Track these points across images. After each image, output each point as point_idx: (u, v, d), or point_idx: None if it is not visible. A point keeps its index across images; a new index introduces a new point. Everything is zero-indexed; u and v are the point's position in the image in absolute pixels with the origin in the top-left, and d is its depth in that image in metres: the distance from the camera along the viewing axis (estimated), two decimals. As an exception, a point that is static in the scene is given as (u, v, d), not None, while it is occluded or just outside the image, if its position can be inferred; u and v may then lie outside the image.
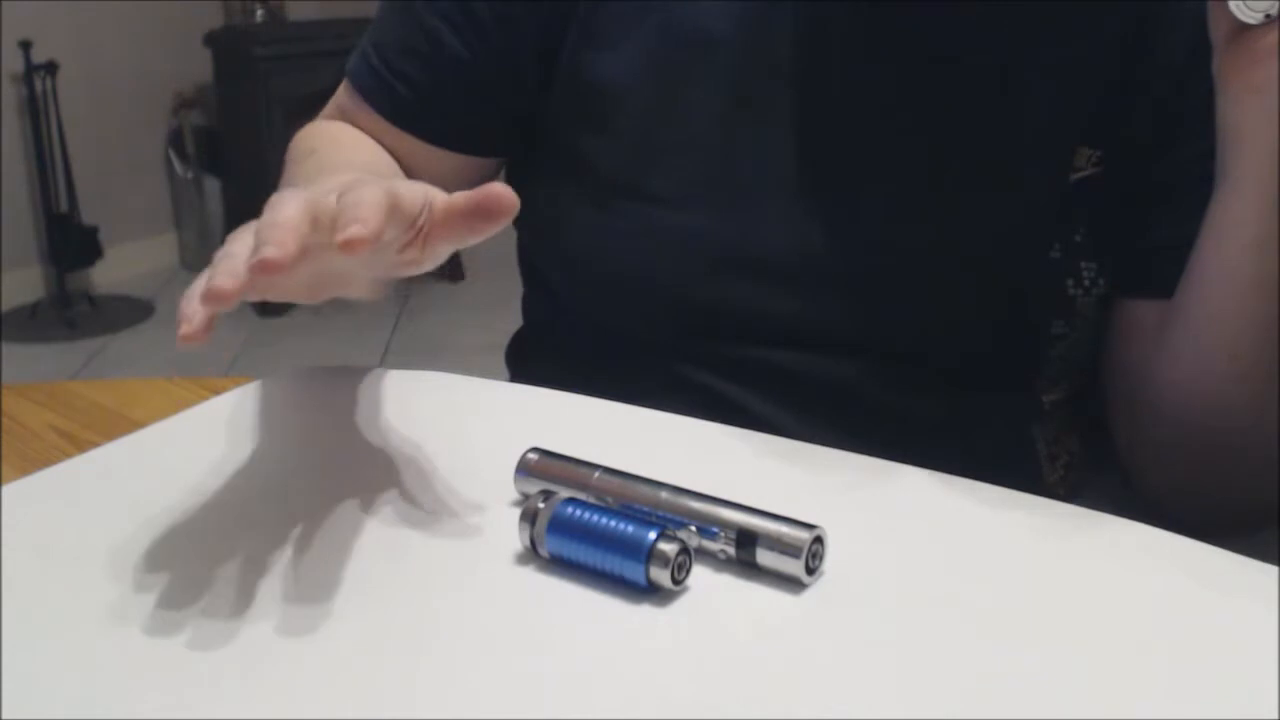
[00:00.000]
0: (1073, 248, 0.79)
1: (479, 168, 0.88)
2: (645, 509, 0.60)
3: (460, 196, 0.55)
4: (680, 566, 0.57)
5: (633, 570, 0.56)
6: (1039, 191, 0.79)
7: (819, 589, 0.58)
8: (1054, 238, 0.79)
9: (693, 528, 0.59)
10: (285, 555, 0.61)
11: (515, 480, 0.64)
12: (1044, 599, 0.58)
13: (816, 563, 0.58)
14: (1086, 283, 0.80)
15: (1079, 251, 0.80)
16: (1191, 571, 0.60)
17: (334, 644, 0.55)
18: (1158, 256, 0.78)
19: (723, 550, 0.59)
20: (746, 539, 0.58)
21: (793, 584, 0.58)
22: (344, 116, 0.91)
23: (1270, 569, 0.59)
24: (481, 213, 0.55)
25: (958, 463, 0.67)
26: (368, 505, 0.65)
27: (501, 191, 0.55)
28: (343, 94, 0.91)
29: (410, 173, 0.86)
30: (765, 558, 0.58)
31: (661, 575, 0.56)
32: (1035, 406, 0.84)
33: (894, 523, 0.64)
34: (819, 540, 0.58)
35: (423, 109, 0.86)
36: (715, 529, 0.59)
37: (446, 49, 0.84)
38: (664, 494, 0.61)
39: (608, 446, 0.64)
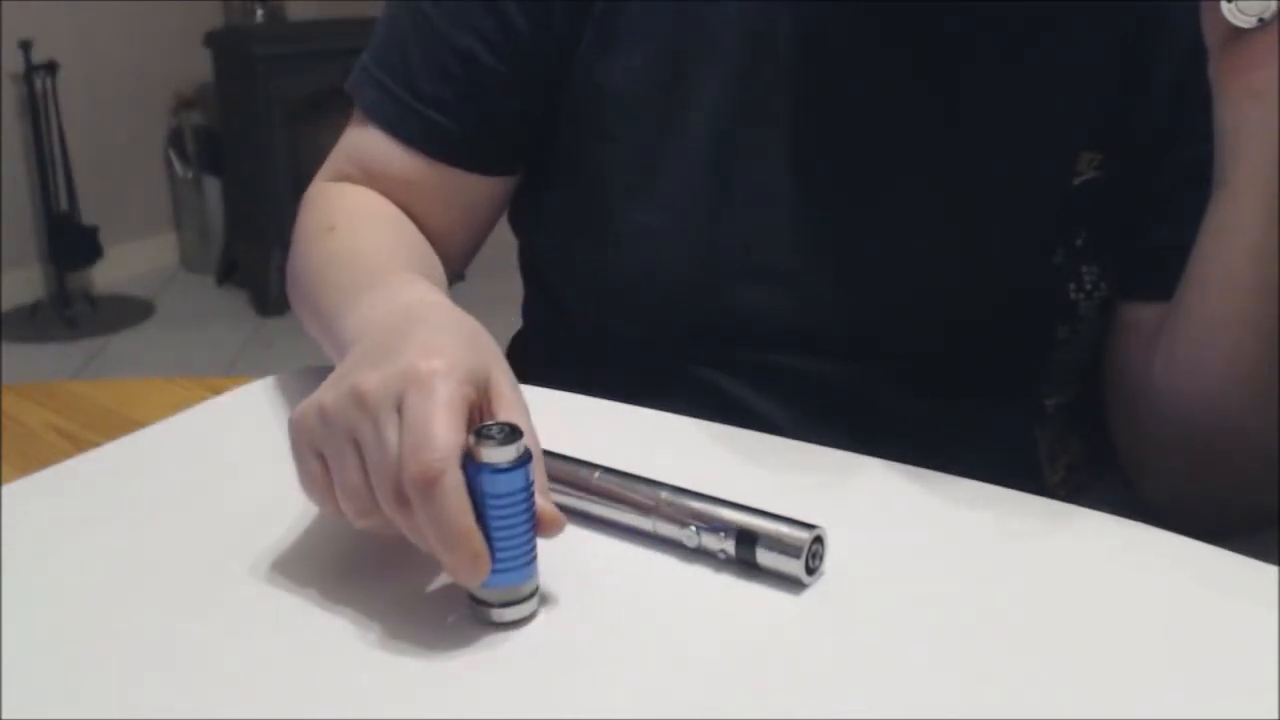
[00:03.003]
0: (1074, 251, 0.79)
1: (508, 186, 0.86)
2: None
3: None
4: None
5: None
6: (1041, 194, 0.79)
7: (819, 589, 0.58)
8: (1056, 241, 0.79)
9: (693, 527, 0.59)
10: (284, 555, 0.61)
11: None
12: (1045, 599, 0.58)
13: (817, 563, 0.58)
14: (1088, 286, 0.80)
15: (1081, 255, 0.79)
16: (1192, 572, 0.60)
17: (333, 643, 0.55)
18: (1157, 259, 0.78)
19: (722, 550, 0.59)
20: (746, 539, 0.58)
21: (793, 584, 0.58)
22: (363, 159, 0.84)
23: (1270, 569, 0.59)
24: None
25: (959, 465, 0.67)
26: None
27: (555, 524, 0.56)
28: (359, 134, 0.84)
29: (436, 206, 0.82)
30: (765, 558, 0.58)
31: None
32: (1037, 409, 0.84)
33: (895, 523, 0.64)
34: (819, 540, 0.58)
35: (461, 138, 0.82)
36: (715, 528, 0.59)
37: (483, 67, 0.80)
38: (664, 493, 0.61)
39: (608, 446, 0.64)
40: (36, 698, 0.52)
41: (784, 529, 0.58)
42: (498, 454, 0.53)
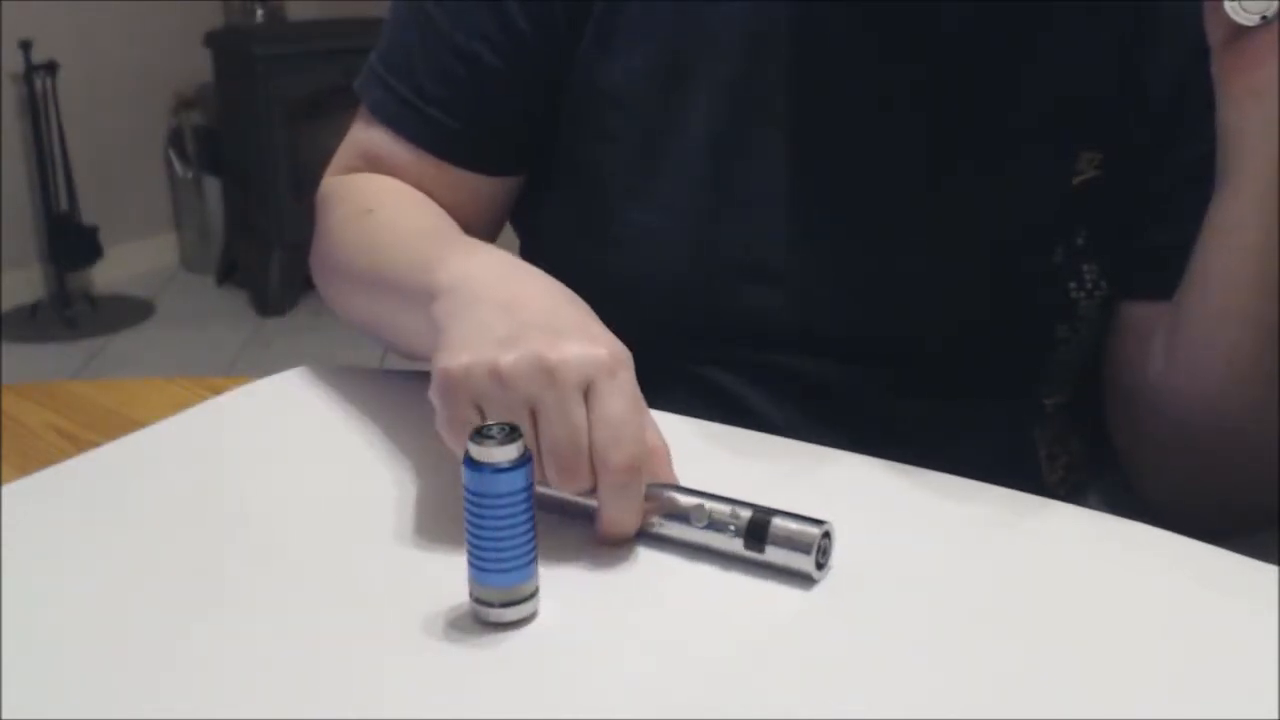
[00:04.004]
0: (1074, 251, 0.79)
1: (511, 187, 0.87)
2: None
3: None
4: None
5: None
6: (1040, 194, 0.79)
7: (827, 585, 0.58)
8: (1056, 241, 0.79)
9: (705, 507, 0.59)
10: (284, 555, 0.61)
11: None
12: (1045, 599, 0.58)
13: (825, 558, 0.58)
14: (1088, 285, 0.80)
15: (1081, 254, 0.79)
16: (1191, 571, 0.60)
17: (333, 643, 0.55)
18: (1158, 258, 0.78)
19: (731, 544, 0.58)
20: (756, 535, 0.58)
21: (801, 580, 0.58)
22: (370, 156, 0.86)
23: (1270, 569, 0.59)
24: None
25: (959, 464, 0.67)
26: (367, 505, 0.65)
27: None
28: (367, 132, 0.86)
29: (442, 204, 0.83)
30: (775, 553, 0.58)
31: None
32: (1037, 409, 0.84)
33: (895, 523, 0.64)
34: (828, 536, 0.58)
35: (465, 138, 0.83)
36: (724, 524, 0.59)
37: (486, 68, 0.80)
38: (668, 491, 0.61)
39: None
40: (36, 698, 0.52)
41: (793, 525, 0.58)
42: (498, 454, 0.53)
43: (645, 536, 0.61)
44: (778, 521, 0.58)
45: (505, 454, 0.53)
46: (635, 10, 0.79)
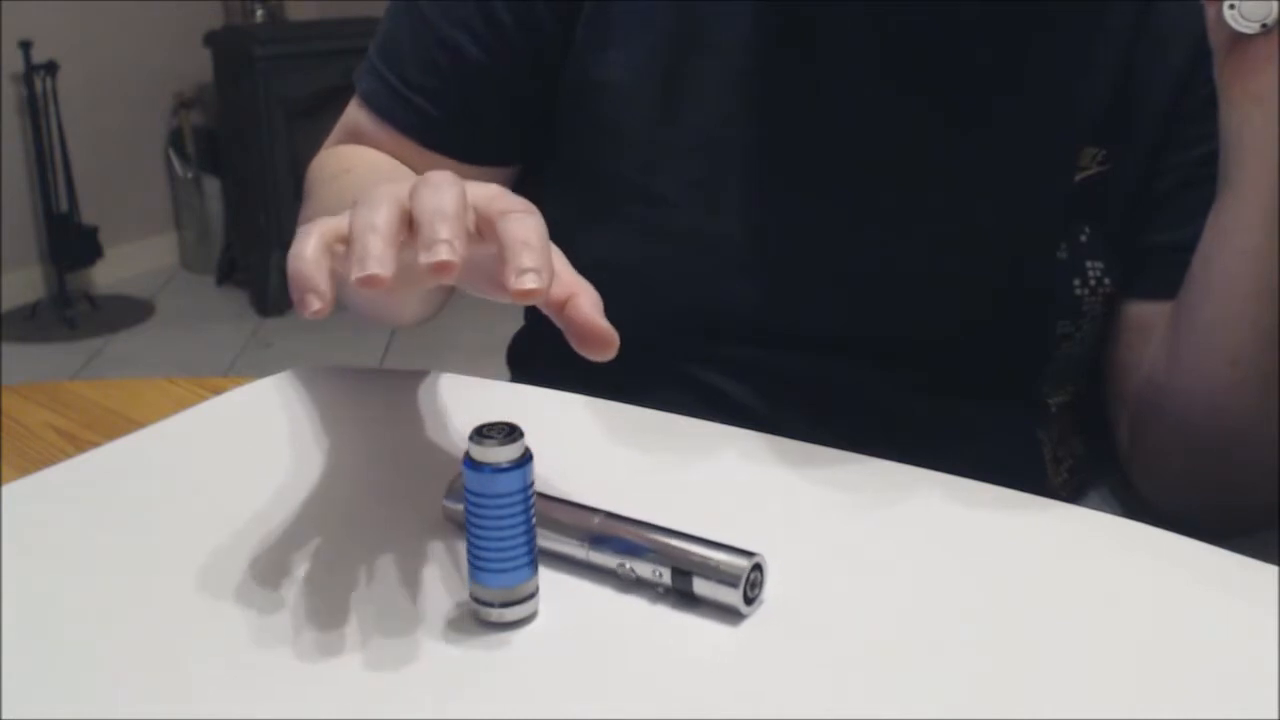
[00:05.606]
0: (1078, 248, 0.79)
1: (501, 178, 0.87)
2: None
3: (573, 308, 0.57)
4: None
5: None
6: (1044, 191, 0.79)
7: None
8: (1059, 238, 0.79)
9: (626, 564, 0.57)
10: (285, 556, 0.61)
11: (445, 505, 0.62)
12: (1044, 599, 0.58)
13: (755, 592, 0.56)
14: (1092, 283, 0.80)
15: (1084, 251, 0.80)
16: (1192, 571, 0.60)
17: (332, 643, 0.55)
18: (1161, 258, 0.78)
19: (657, 573, 0.57)
20: (683, 568, 0.56)
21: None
22: (358, 140, 0.87)
23: (1270, 569, 0.59)
24: (577, 336, 0.57)
25: (962, 465, 0.67)
26: (367, 505, 0.65)
27: (608, 341, 0.57)
28: (356, 116, 0.88)
29: None
30: (702, 587, 0.56)
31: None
32: (1041, 408, 0.84)
33: (895, 523, 0.64)
34: (758, 568, 0.56)
35: (448, 125, 0.84)
36: (651, 557, 0.57)
37: (467, 59, 0.82)
38: (597, 520, 0.59)
39: (607, 446, 0.64)
40: (36, 698, 0.52)
41: (721, 557, 0.56)
42: (498, 454, 0.53)
43: (573, 564, 0.59)
44: (706, 554, 0.56)
45: (505, 454, 0.53)
46: (633, 7, 0.79)
